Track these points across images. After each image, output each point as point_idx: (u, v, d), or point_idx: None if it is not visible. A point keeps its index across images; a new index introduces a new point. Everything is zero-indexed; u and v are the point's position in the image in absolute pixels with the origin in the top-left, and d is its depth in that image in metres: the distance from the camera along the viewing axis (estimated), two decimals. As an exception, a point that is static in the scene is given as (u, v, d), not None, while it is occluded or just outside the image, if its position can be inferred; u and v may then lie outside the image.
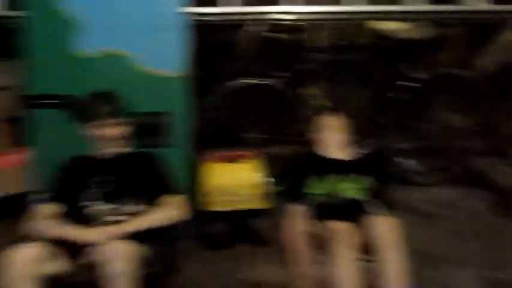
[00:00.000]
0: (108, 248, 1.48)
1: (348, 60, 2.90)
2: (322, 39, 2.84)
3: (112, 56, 2.22)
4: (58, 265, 1.57)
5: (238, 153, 2.66)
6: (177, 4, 2.24)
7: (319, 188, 2.11)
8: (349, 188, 2.12)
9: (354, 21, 2.72)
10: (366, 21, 2.72)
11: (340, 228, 1.68)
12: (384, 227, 1.69)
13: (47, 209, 1.80)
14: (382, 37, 2.62)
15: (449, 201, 2.83)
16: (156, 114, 2.27)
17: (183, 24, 2.24)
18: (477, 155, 3.02)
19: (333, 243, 1.66)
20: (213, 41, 2.93)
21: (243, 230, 2.24)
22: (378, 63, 2.71)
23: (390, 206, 2.22)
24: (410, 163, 3.15)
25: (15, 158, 2.47)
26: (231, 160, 2.57)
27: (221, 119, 2.84)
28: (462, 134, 2.94)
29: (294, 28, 2.58)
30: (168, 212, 1.81)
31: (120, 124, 1.87)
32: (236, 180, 2.50)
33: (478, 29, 2.89)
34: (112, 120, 1.83)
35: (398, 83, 2.72)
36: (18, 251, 1.45)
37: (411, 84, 2.70)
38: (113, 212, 1.81)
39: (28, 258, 1.43)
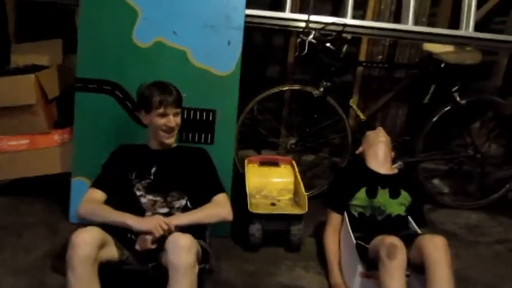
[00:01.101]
0: (173, 239, 1.48)
1: (394, 77, 2.91)
2: (373, 54, 2.85)
3: (167, 49, 2.24)
4: (111, 251, 1.58)
5: (278, 157, 2.68)
6: (241, 5, 2.25)
7: (365, 200, 2.12)
8: (394, 204, 2.13)
9: (408, 40, 2.75)
10: (418, 42, 2.73)
11: (396, 243, 1.68)
12: (435, 245, 1.69)
13: (98, 194, 1.81)
14: (432, 59, 2.63)
15: (477, 225, 2.83)
16: (205, 110, 2.29)
17: (239, 24, 2.26)
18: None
19: (387, 257, 1.66)
20: (259, 44, 2.98)
21: (280, 233, 2.24)
22: (424, 83, 2.71)
23: (426, 224, 2.25)
24: (440, 184, 3.16)
25: (58, 138, 2.47)
26: (271, 164, 2.59)
27: (259, 122, 2.84)
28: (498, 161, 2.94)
29: (344, 39, 2.58)
30: (218, 210, 1.82)
31: (179, 115, 1.88)
32: (275, 183, 2.51)
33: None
34: (175, 110, 1.84)
35: (439, 104, 2.72)
36: (80, 233, 1.45)
37: (452, 106, 2.71)
38: (163, 204, 1.83)
39: (90, 241, 1.43)
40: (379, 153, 2.21)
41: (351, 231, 2.00)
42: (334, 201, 2.19)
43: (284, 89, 2.67)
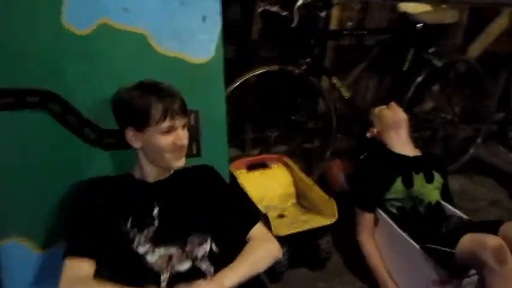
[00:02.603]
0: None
1: (365, 45, 2.58)
2: (344, 21, 2.45)
3: (118, 33, 1.55)
4: None
5: (265, 156, 2.18)
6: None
7: (402, 191, 1.78)
8: (431, 189, 1.83)
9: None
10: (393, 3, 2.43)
11: (503, 245, 1.36)
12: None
13: (83, 265, 1.16)
14: (408, 21, 2.36)
15: (463, 190, 2.74)
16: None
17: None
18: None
19: (497, 263, 1.33)
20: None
21: (306, 251, 1.80)
22: (401, 48, 2.45)
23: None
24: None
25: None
26: (260, 166, 2.09)
27: (237, 116, 2.29)
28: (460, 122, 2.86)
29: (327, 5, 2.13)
30: (267, 248, 1.30)
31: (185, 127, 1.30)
32: (273, 190, 2.03)
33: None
34: (184, 121, 1.27)
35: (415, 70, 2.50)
36: None
37: (430, 70, 2.50)
38: (181, 257, 1.24)
39: None
40: (401, 134, 1.88)
41: (402, 232, 1.65)
42: (365, 199, 1.82)
43: (259, 72, 2.15)
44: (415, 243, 1.62)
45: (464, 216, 1.82)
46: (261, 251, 1.28)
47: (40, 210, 1.47)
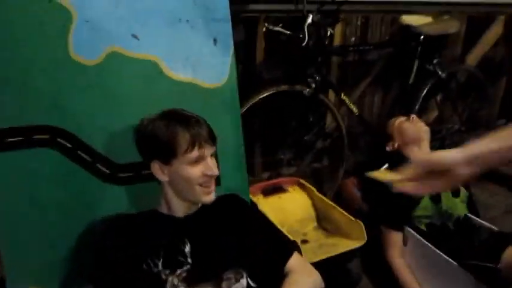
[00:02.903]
0: None
1: (368, 60, 2.55)
2: (347, 36, 2.42)
3: (128, 61, 1.47)
4: None
5: (280, 180, 2.10)
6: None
7: (430, 208, 1.72)
8: (458, 203, 1.77)
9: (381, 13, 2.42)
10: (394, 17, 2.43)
11: None
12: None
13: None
14: (411, 33, 2.35)
15: (477, 200, 2.69)
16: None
17: (225, 15, 1.62)
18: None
19: None
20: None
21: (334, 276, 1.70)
22: (404, 61, 2.43)
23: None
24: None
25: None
26: (276, 190, 2.01)
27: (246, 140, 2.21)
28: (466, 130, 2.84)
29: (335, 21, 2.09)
30: (311, 280, 1.22)
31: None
32: (292, 214, 1.94)
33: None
34: (213, 149, 1.19)
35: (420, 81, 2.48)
36: None
37: (435, 81, 2.49)
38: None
39: None
40: (423, 147, 1.83)
41: (436, 249, 1.58)
42: (394, 218, 1.75)
43: (267, 94, 2.08)
44: (452, 261, 1.54)
45: (493, 227, 1.77)
46: (306, 285, 1.19)
47: (55, 254, 1.37)
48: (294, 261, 1.26)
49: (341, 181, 2.30)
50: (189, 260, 1.15)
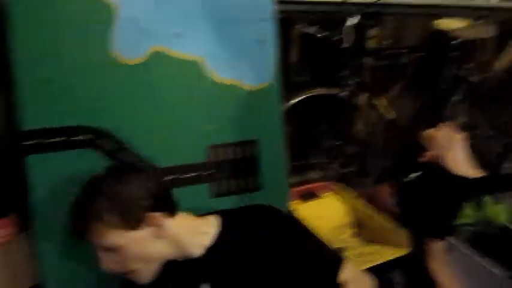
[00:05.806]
0: None
1: (405, 64, 2.49)
2: (382, 40, 2.38)
3: (171, 62, 1.42)
4: None
5: (314, 186, 2.05)
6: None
7: (473, 215, 1.67)
8: (501, 210, 1.72)
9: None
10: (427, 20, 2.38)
11: None
12: None
13: None
14: (445, 37, 2.30)
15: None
16: (242, 143, 1.55)
17: (269, 14, 1.57)
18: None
19: None
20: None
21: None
22: (438, 66, 2.38)
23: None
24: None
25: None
26: (311, 196, 1.96)
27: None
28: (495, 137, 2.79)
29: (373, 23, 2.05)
30: None
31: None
32: (329, 221, 1.89)
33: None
34: (99, 244, 1.13)
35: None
36: None
37: (468, 87, 2.44)
38: None
39: None
40: (459, 154, 1.77)
41: (483, 259, 1.52)
42: (437, 227, 1.69)
43: (303, 97, 2.03)
44: (498, 272, 1.49)
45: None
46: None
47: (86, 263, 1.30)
48: (349, 272, 1.19)
49: (372, 187, 2.25)
50: None
